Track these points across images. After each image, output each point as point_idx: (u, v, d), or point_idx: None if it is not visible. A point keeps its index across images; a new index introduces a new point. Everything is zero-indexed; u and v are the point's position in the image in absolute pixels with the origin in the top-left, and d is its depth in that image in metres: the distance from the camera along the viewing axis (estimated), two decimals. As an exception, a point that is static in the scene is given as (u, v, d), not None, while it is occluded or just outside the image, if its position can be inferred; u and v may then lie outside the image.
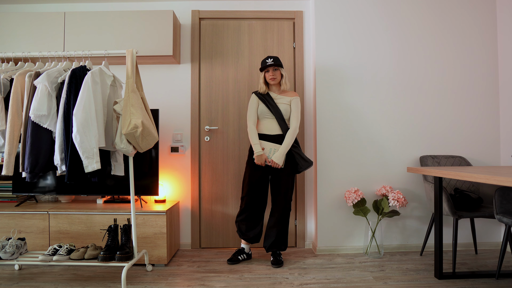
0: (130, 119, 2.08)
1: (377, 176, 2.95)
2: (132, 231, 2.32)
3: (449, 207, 2.41)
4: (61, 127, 2.10)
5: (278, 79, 2.63)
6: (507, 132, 2.94)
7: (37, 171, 2.10)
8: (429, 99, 2.99)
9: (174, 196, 3.09)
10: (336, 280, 2.32)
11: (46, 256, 2.17)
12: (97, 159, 2.04)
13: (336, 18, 2.98)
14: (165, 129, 3.10)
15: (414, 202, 2.97)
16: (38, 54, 2.32)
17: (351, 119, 2.96)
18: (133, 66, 2.21)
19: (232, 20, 3.15)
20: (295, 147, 2.62)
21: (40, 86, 2.11)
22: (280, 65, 2.60)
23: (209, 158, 3.10)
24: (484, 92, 3.01)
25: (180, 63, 3.12)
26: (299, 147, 2.67)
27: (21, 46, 2.83)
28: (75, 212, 2.60)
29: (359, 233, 2.94)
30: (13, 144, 2.13)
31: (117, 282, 2.29)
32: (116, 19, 2.83)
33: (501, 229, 3.02)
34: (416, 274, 2.41)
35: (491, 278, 2.33)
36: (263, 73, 2.65)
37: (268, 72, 2.61)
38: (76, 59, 2.70)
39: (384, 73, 2.98)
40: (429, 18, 3.00)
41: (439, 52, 3.00)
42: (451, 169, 2.12)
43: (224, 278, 2.37)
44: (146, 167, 2.78)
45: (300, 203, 3.09)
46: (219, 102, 3.12)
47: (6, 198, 2.91)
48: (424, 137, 2.98)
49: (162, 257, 2.59)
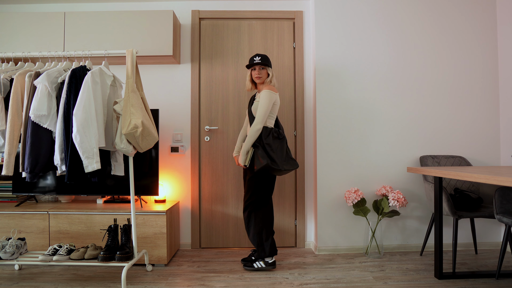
0: (130, 119, 2.08)
1: (377, 176, 2.95)
2: (132, 231, 2.32)
3: (449, 207, 2.41)
4: (61, 127, 2.10)
5: (264, 78, 2.51)
6: (507, 132, 2.94)
7: (37, 171, 2.10)
8: (429, 99, 2.99)
9: (174, 196, 3.09)
10: (336, 280, 2.32)
11: (46, 256, 2.17)
12: (97, 159, 2.04)
13: (336, 18, 2.97)
14: (165, 129, 3.10)
15: (414, 202, 2.97)
16: (38, 54, 2.32)
17: (351, 118, 2.96)
18: (133, 66, 2.21)
19: (232, 20, 3.15)
20: (257, 146, 2.39)
21: (40, 86, 2.11)
22: (267, 64, 2.49)
23: (209, 158, 3.10)
24: (484, 92, 3.01)
25: (180, 63, 3.12)
26: (263, 144, 2.39)
27: (21, 46, 2.83)
28: (75, 212, 2.60)
29: (359, 233, 2.94)
30: (13, 144, 2.13)
31: (117, 282, 2.29)
32: (116, 19, 2.83)
33: (501, 229, 3.02)
34: (416, 274, 2.41)
35: (491, 278, 2.33)
36: (249, 70, 2.58)
37: (254, 70, 2.53)
38: (76, 59, 2.70)
39: (384, 73, 2.98)
40: (429, 18, 3.00)
41: (438, 51, 3.00)
42: (451, 169, 2.12)
43: (224, 278, 2.37)
44: (146, 167, 2.78)
45: (300, 203, 3.09)
46: (219, 102, 3.12)
47: (6, 198, 2.91)
48: (424, 137, 2.98)
49: (162, 257, 2.59)
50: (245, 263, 2.55)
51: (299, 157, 3.09)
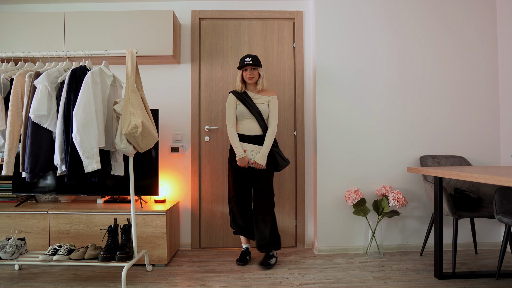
0: (130, 119, 2.08)
1: (377, 176, 2.95)
2: (132, 231, 2.32)
3: (449, 207, 2.41)
4: (61, 127, 2.10)
5: (256, 78, 2.62)
6: (507, 132, 2.94)
7: (37, 171, 2.10)
8: (429, 98, 2.99)
9: (174, 196, 3.09)
10: (336, 280, 2.32)
11: (46, 256, 2.17)
12: (97, 159, 2.04)
13: (336, 18, 2.97)
14: (165, 129, 3.10)
15: (414, 202, 2.97)
16: (38, 54, 2.32)
17: (351, 118, 2.96)
18: (133, 66, 2.21)
19: (232, 20, 3.15)
20: (275, 147, 2.64)
21: (40, 86, 2.11)
22: (258, 65, 2.59)
23: (209, 158, 3.10)
24: (484, 92, 3.01)
25: (180, 63, 3.12)
26: (278, 146, 2.69)
27: (21, 46, 2.83)
28: (75, 212, 2.60)
29: (359, 233, 2.94)
30: (13, 144, 2.13)
31: (117, 282, 2.29)
32: (116, 19, 2.83)
33: (501, 229, 3.02)
34: (416, 274, 2.41)
35: (491, 278, 2.33)
36: (240, 71, 2.64)
37: (246, 71, 2.61)
38: (76, 59, 2.70)
39: (384, 73, 2.98)
40: (429, 17, 3.00)
41: (439, 51, 3.00)
42: (451, 169, 2.12)
43: (224, 278, 2.37)
44: (146, 167, 2.78)
45: (300, 203, 3.09)
46: (219, 102, 3.12)
47: (6, 198, 2.90)
48: (424, 137, 2.98)
49: (162, 257, 2.59)
50: (264, 266, 2.54)
51: (299, 157, 3.09)
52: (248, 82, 2.63)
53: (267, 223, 2.57)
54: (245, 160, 2.53)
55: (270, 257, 2.59)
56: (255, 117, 2.60)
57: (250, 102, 2.60)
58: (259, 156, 2.53)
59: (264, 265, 2.54)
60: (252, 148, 2.56)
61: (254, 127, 2.61)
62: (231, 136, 2.58)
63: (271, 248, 2.58)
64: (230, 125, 2.60)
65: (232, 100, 2.63)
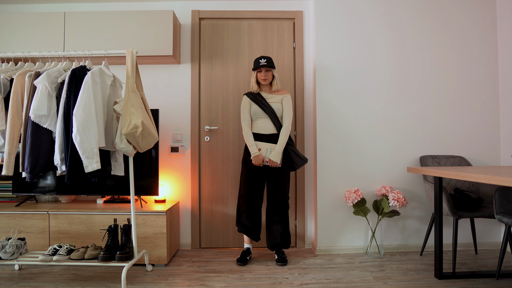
0: (130, 119, 2.08)
1: (377, 176, 2.95)
2: (132, 231, 2.32)
3: (449, 207, 2.41)
4: (61, 127, 2.10)
5: (270, 79, 2.66)
6: (507, 132, 2.94)
7: (37, 171, 2.10)
8: (429, 99, 2.99)
9: (174, 196, 3.09)
10: (336, 280, 2.32)
11: (46, 256, 2.17)
12: (97, 159, 2.04)
13: (336, 18, 2.97)
14: (165, 129, 3.10)
15: (414, 202, 2.97)
16: (38, 54, 2.32)
17: (351, 118, 2.96)
18: (133, 66, 2.21)
19: (232, 20, 3.15)
20: (290, 145, 2.67)
21: (40, 86, 2.11)
22: (272, 66, 2.63)
23: (209, 158, 3.10)
24: (484, 92, 3.01)
25: (180, 63, 3.12)
26: (294, 144, 2.71)
27: (21, 46, 2.83)
28: (75, 212, 2.60)
29: (359, 233, 2.94)
30: (13, 144, 2.13)
31: (117, 282, 2.29)
32: (116, 19, 2.83)
33: (501, 229, 3.02)
34: (416, 274, 2.41)
35: (491, 278, 2.33)
36: (255, 72, 2.68)
37: (260, 72, 2.64)
38: (76, 59, 2.70)
39: (384, 73, 2.98)
40: (429, 17, 3.00)
41: (438, 51, 3.00)
42: (451, 169, 2.12)
43: (224, 278, 2.37)
44: (146, 167, 2.78)
45: (300, 203, 3.09)
46: (219, 102, 3.12)
47: (6, 198, 2.91)
48: (424, 137, 2.98)
49: (162, 257, 2.59)
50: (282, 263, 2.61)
51: (299, 157, 3.09)
52: (262, 83, 2.67)
53: (281, 225, 2.63)
54: (260, 158, 2.55)
55: (283, 253, 2.68)
56: (269, 116, 2.62)
57: (264, 102, 2.62)
58: (273, 154, 2.55)
59: (282, 261, 2.61)
60: (266, 146, 2.58)
61: (268, 126, 2.63)
62: (246, 135, 2.61)
63: (282, 248, 2.67)
64: (244, 124, 2.64)
65: (246, 102, 2.67)
